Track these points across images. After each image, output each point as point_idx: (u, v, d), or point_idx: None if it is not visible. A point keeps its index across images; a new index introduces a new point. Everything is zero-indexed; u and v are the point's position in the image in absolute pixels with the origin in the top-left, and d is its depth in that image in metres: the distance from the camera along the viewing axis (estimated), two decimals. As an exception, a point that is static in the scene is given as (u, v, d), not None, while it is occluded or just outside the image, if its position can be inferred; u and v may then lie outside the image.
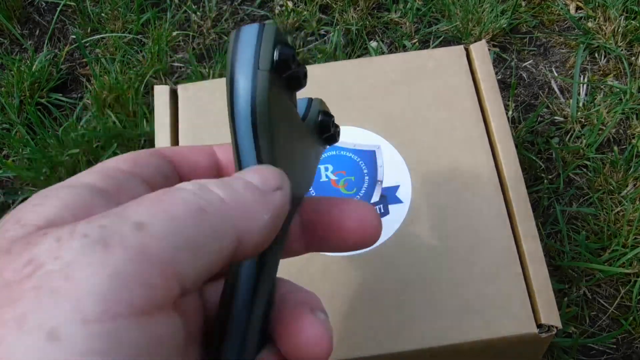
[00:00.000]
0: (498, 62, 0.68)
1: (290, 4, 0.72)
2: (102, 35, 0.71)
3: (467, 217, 0.41)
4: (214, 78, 0.66)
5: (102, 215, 0.17)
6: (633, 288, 0.53)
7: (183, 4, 0.73)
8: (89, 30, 0.72)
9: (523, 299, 0.38)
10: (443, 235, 0.40)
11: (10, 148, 0.64)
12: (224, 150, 0.26)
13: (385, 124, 0.44)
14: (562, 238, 0.56)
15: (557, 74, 0.66)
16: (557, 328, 0.37)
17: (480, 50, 0.46)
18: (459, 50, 0.47)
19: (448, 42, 0.69)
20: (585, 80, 0.65)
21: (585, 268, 0.54)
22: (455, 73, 0.46)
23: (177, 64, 0.69)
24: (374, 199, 0.42)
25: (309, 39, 0.70)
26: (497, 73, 0.66)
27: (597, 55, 0.67)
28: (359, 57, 0.68)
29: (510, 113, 0.64)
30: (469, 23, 0.68)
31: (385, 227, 0.41)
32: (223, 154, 0.26)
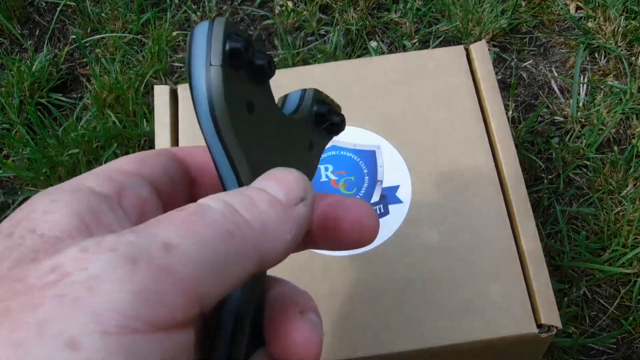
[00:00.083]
0: (498, 62, 0.68)
1: (290, 4, 0.72)
2: (102, 35, 0.71)
3: (467, 217, 0.41)
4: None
5: (130, 231, 0.17)
6: (633, 288, 0.53)
7: (183, 4, 0.73)
8: (89, 30, 0.72)
9: (523, 299, 0.38)
10: (443, 235, 0.40)
11: (10, 148, 0.64)
12: None
13: (385, 124, 0.44)
14: (562, 238, 0.56)
15: (557, 74, 0.66)
16: (557, 328, 0.37)
17: (480, 50, 0.46)
18: (459, 50, 0.47)
19: (448, 42, 0.69)
20: (585, 80, 0.65)
21: (585, 268, 0.54)
22: (455, 73, 0.46)
23: (177, 64, 0.69)
24: (374, 199, 0.42)
25: (309, 39, 0.70)
26: (497, 73, 0.66)
27: (597, 55, 0.67)
28: (359, 57, 0.68)
29: (510, 113, 0.64)
30: (469, 23, 0.68)
31: (385, 227, 0.41)
32: None
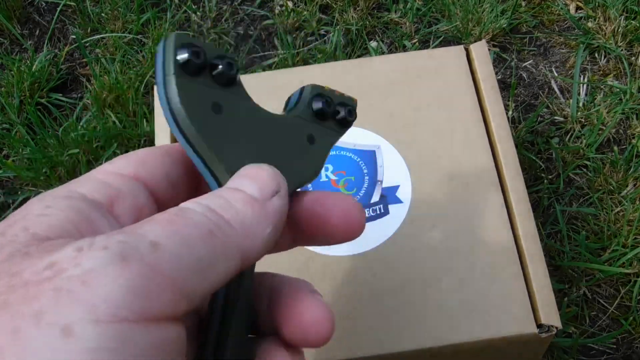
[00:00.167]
0: (498, 62, 0.68)
1: (290, 4, 0.72)
2: (102, 35, 0.71)
3: (467, 217, 0.41)
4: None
5: (119, 232, 0.18)
6: (633, 288, 0.53)
7: (183, 4, 0.73)
8: (89, 30, 0.72)
9: (523, 299, 0.38)
10: (443, 235, 0.40)
11: (10, 148, 0.64)
12: None
13: (385, 124, 0.44)
14: (562, 238, 0.56)
15: (557, 74, 0.66)
16: (557, 328, 0.37)
17: (480, 50, 0.46)
18: (459, 50, 0.47)
19: (448, 42, 0.69)
20: (585, 80, 0.65)
21: (585, 268, 0.54)
22: (455, 73, 0.46)
23: (177, 64, 0.69)
24: (374, 199, 0.42)
25: (309, 39, 0.70)
26: (497, 73, 0.66)
27: (597, 55, 0.67)
28: (359, 57, 0.68)
29: (510, 113, 0.64)
30: (469, 23, 0.68)
31: (385, 227, 0.41)
32: None
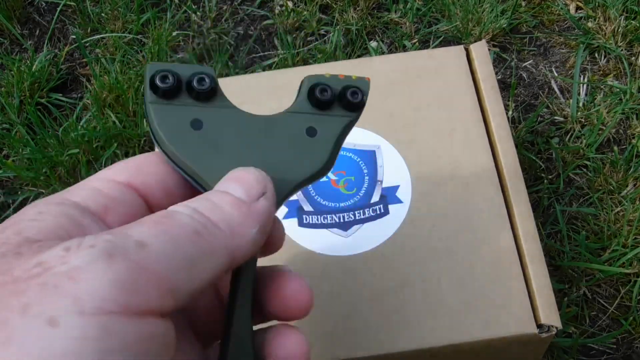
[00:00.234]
0: (498, 62, 0.68)
1: (290, 4, 0.72)
2: (102, 35, 0.71)
3: (467, 217, 0.41)
4: (214, 78, 0.66)
5: (107, 232, 0.19)
6: (633, 288, 0.53)
7: (183, 4, 0.73)
8: (89, 30, 0.72)
9: (523, 299, 0.38)
10: (443, 235, 0.40)
11: (10, 148, 0.64)
12: None
13: (385, 124, 0.44)
14: (562, 238, 0.56)
15: (557, 74, 0.66)
16: (557, 328, 0.37)
17: (480, 50, 0.46)
18: (459, 50, 0.47)
19: (448, 42, 0.69)
20: (585, 80, 0.65)
21: (585, 268, 0.54)
22: (455, 73, 0.46)
23: (177, 64, 0.69)
24: (374, 199, 0.42)
25: (309, 39, 0.70)
26: (497, 73, 0.66)
27: (597, 55, 0.67)
28: (359, 57, 0.68)
29: (510, 113, 0.64)
30: (469, 23, 0.68)
31: (385, 227, 0.41)
32: None
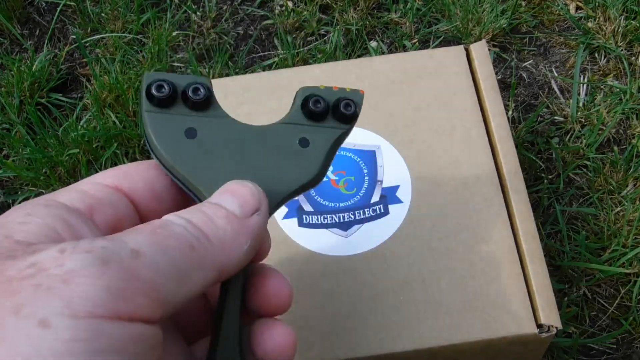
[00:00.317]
0: (498, 62, 0.68)
1: (290, 4, 0.72)
2: (102, 35, 0.71)
3: (467, 217, 0.41)
4: (214, 78, 0.66)
5: (103, 238, 0.19)
6: (633, 288, 0.53)
7: (183, 4, 0.73)
8: (89, 30, 0.72)
9: (523, 299, 0.38)
10: (443, 235, 0.40)
11: (10, 148, 0.64)
12: None
13: (385, 124, 0.44)
14: (562, 238, 0.56)
15: (557, 74, 0.66)
16: (557, 328, 0.37)
17: (480, 50, 0.46)
18: (459, 50, 0.47)
19: (448, 42, 0.69)
20: (585, 80, 0.65)
21: (585, 268, 0.54)
22: (455, 73, 0.46)
23: (177, 64, 0.69)
24: (374, 199, 0.42)
25: (309, 39, 0.70)
26: (497, 73, 0.66)
27: (597, 55, 0.67)
28: (359, 57, 0.68)
29: (510, 113, 0.64)
30: (469, 23, 0.68)
31: (385, 227, 0.41)
32: None
